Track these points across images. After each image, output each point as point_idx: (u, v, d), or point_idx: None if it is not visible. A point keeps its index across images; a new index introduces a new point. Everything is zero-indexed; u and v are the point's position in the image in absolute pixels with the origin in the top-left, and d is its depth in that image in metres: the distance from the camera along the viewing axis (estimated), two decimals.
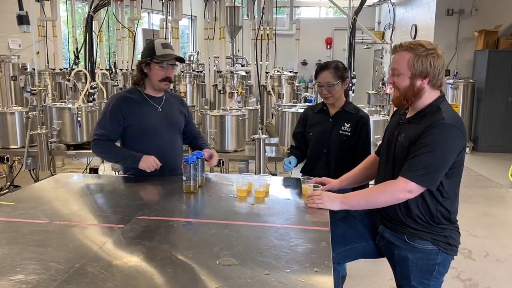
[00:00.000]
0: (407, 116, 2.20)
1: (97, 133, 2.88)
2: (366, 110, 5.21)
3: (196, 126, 3.23)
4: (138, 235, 1.84)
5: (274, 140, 5.29)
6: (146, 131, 2.84)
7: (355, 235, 2.35)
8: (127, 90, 3.02)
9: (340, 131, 2.94)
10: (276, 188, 2.60)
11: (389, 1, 12.84)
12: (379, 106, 9.37)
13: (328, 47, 15.44)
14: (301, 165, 3.17)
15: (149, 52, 2.78)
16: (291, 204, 2.29)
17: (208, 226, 1.95)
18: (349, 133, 2.93)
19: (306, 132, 3.10)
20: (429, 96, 2.10)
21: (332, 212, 2.17)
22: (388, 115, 4.99)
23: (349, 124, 2.93)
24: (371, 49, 14.14)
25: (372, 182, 2.59)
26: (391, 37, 13.05)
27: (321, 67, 2.92)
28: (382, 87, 11.58)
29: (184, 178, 2.42)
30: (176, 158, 2.93)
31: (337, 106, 2.98)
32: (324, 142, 2.98)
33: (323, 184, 2.49)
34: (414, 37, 10.82)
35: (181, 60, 2.94)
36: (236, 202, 2.34)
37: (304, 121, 3.15)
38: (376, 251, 2.34)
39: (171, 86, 5.67)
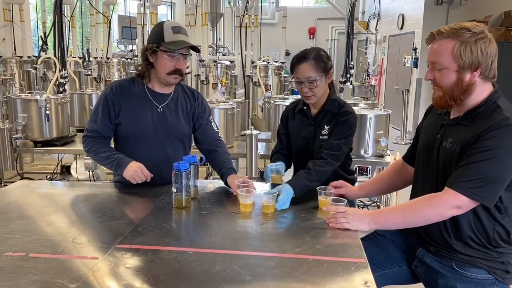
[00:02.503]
0: (452, 116, 1.78)
1: (88, 128, 2.38)
2: (363, 104, 4.86)
3: (217, 130, 2.58)
4: (117, 274, 1.38)
5: (264, 135, 4.86)
6: (136, 134, 2.32)
7: (386, 259, 1.94)
8: (129, 78, 2.44)
9: (321, 137, 2.38)
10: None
11: None
12: (363, 98, 9.07)
13: (311, 37, 15.06)
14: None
15: (157, 37, 2.23)
16: (307, 222, 1.86)
17: (210, 258, 1.49)
18: (326, 137, 2.36)
19: (289, 135, 2.56)
20: (481, 91, 1.69)
21: None
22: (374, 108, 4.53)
23: (328, 126, 2.37)
24: (355, 39, 13.81)
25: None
26: (376, 27, 12.75)
27: (299, 59, 2.31)
28: (367, 79, 11.34)
29: (174, 189, 1.95)
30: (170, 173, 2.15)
31: (319, 104, 2.41)
32: (308, 152, 2.42)
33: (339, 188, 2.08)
34: (401, 28, 10.50)
35: (196, 49, 2.37)
36: (240, 220, 1.90)
37: (285, 122, 2.58)
38: (411, 277, 1.94)
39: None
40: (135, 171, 2.16)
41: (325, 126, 2.37)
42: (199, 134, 2.48)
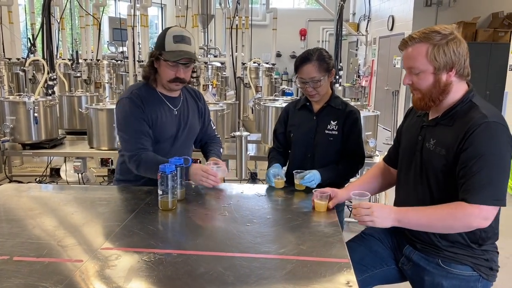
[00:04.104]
0: (431, 117, 1.81)
1: (128, 148, 2.28)
2: (352, 105, 4.89)
3: (214, 128, 2.72)
4: (101, 277, 1.39)
5: (254, 136, 4.88)
6: (159, 139, 2.33)
7: (375, 259, 1.96)
8: (136, 87, 2.38)
9: (326, 131, 2.47)
10: (273, 199, 2.18)
11: None
12: (354, 99, 9.11)
13: (302, 38, 15.11)
14: None
15: (159, 44, 2.24)
16: (292, 223, 1.86)
17: (195, 260, 1.50)
18: (336, 132, 2.46)
19: (287, 131, 2.63)
20: (456, 90, 1.74)
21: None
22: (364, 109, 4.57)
23: (335, 122, 2.46)
24: (346, 40, 13.86)
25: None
26: (366, 28, 12.81)
27: (303, 60, 2.40)
28: (357, 80, 11.37)
29: (160, 192, 1.95)
30: None
31: (322, 101, 2.51)
32: (308, 145, 2.52)
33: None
34: (391, 29, 10.56)
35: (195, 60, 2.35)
36: (226, 221, 1.89)
37: (285, 120, 2.66)
38: (399, 276, 1.96)
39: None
40: (199, 174, 2.19)
41: (331, 122, 2.47)
42: (202, 133, 2.57)
